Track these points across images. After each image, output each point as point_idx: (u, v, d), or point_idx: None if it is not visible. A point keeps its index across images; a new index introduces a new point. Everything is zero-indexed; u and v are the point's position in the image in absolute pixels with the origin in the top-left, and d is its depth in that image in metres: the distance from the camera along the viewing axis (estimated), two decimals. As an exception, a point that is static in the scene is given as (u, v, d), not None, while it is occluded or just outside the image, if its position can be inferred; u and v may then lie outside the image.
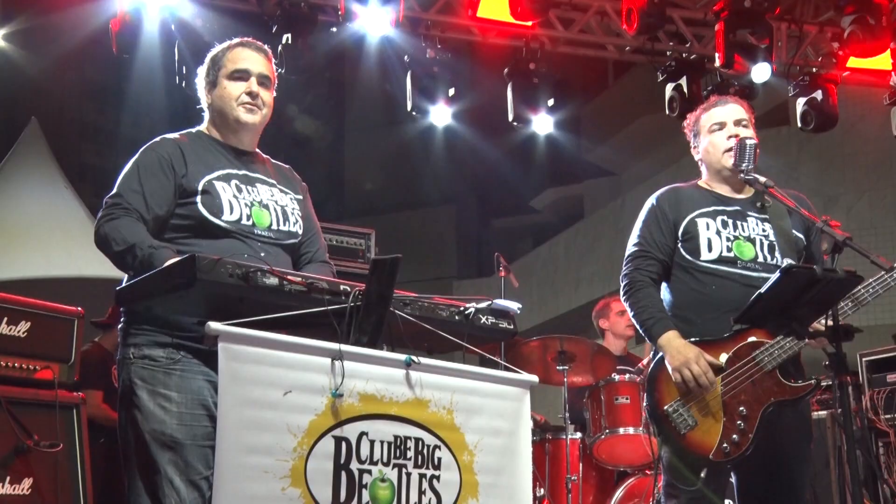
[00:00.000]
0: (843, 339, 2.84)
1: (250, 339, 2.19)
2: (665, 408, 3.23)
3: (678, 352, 3.21)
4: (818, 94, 7.10)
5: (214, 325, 2.16)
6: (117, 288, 2.51)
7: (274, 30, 5.95)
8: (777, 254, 3.38)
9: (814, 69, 7.23)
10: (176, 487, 2.49)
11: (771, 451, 3.20)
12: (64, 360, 3.97)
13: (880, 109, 7.69)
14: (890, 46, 6.61)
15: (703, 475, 3.18)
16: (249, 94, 2.92)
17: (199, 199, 2.78)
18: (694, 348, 3.21)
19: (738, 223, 3.42)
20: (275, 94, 3.05)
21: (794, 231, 3.44)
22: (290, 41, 5.83)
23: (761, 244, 3.39)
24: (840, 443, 5.46)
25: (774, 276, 2.98)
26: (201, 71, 3.04)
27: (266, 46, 3.06)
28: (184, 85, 5.79)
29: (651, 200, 3.54)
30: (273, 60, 3.08)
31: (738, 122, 3.50)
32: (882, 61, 6.95)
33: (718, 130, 3.50)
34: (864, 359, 6.81)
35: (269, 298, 2.34)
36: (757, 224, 3.43)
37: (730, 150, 3.43)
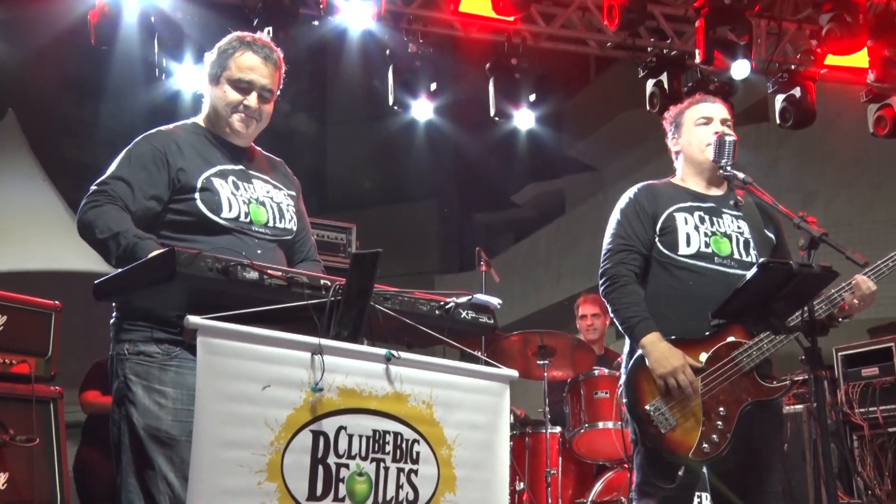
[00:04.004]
0: (818, 334, 2.87)
1: (229, 333, 2.19)
2: (646, 407, 3.24)
3: (665, 358, 3.21)
4: (797, 91, 7.16)
5: (193, 319, 2.15)
6: (96, 282, 2.50)
7: (255, 23, 5.92)
8: (752, 251, 3.41)
9: (792, 66, 7.29)
10: (170, 483, 2.47)
11: (744, 446, 3.23)
12: (41, 354, 3.95)
13: (858, 107, 7.75)
14: (867, 44, 6.67)
15: (680, 474, 3.21)
16: (248, 108, 2.89)
17: (198, 195, 2.76)
18: (679, 355, 3.22)
19: (715, 219, 3.44)
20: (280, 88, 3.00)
21: (765, 230, 3.47)
22: (271, 34, 5.80)
23: (737, 241, 3.41)
24: (816, 436, 5.52)
25: (752, 271, 3.01)
26: (207, 59, 2.98)
27: (277, 52, 2.98)
28: (164, 78, 5.77)
29: (628, 195, 3.54)
30: (283, 66, 3.00)
31: (724, 122, 3.53)
32: (859, 59, 7.00)
33: (705, 125, 3.52)
34: (839, 353, 6.88)
35: (250, 293, 2.34)
36: (732, 221, 3.46)
37: (711, 144, 3.45)
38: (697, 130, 3.52)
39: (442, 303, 2.62)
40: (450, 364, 2.50)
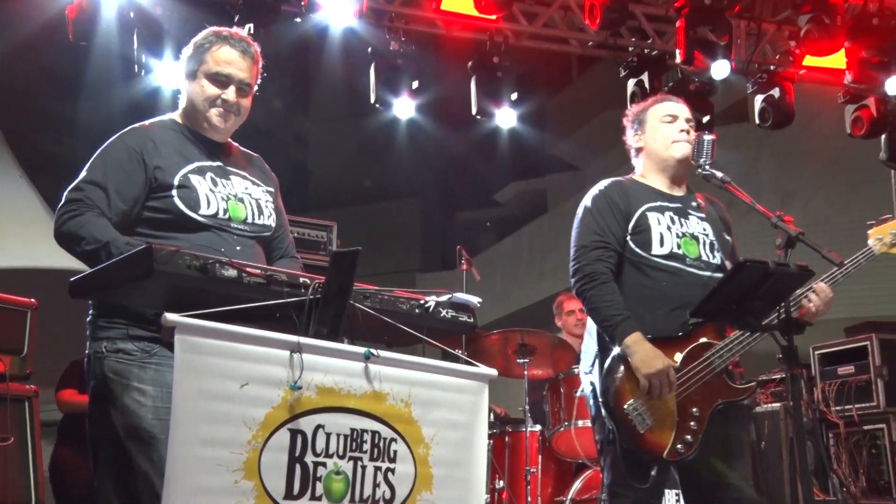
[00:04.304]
0: (794, 333, 2.89)
1: (208, 330, 2.18)
2: (625, 407, 3.24)
3: (651, 358, 3.21)
4: (776, 92, 7.20)
5: (171, 317, 2.14)
6: (71, 279, 2.48)
7: (236, 19, 5.89)
8: (716, 253, 3.43)
9: (771, 67, 7.33)
10: (150, 483, 2.44)
11: (711, 442, 3.24)
12: (16, 352, 3.92)
13: (835, 107, 7.81)
14: (844, 46, 6.72)
15: (653, 474, 3.23)
16: (226, 101, 2.88)
17: (175, 192, 2.74)
18: (662, 356, 3.22)
19: (682, 220, 3.45)
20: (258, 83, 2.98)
21: (723, 233, 3.49)
22: (251, 31, 5.78)
23: (703, 242, 3.43)
24: (792, 434, 5.56)
25: (729, 271, 3.03)
26: (183, 54, 2.96)
27: (254, 46, 2.97)
28: (143, 74, 5.73)
29: (598, 190, 3.51)
30: (260, 61, 2.98)
31: (688, 121, 3.54)
32: (837, 60, 7.06)
33: (670, 122, 3.51)
34: (816, 352, 6.93)
35: (228, 290, 2.33)
36: (698, 222, 3.48)
37: (678, 142, 3.47)
38: (663, 127, 3.52)
39: (422, 301, 2.62)
40: (429, 363, 2.50)
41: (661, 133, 3.51)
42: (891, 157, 7.70)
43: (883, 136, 7.64)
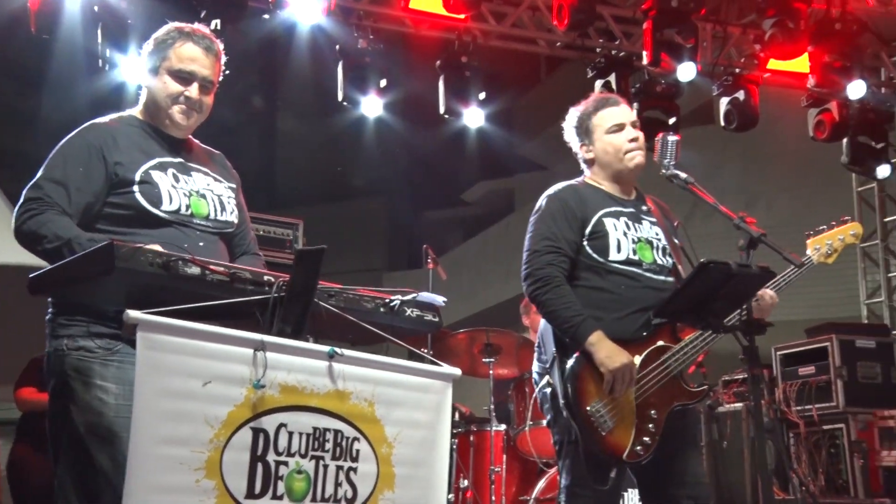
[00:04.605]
0: (756, 333, 2.92)
1: (170, 328, 2.16)
2: (588, 408, 3.25)
3: (615, 354, 3.22)
4: (740, 94, 7.28)
5: (133, 314, 2.12)
6: (31, 276, 2.44)
7: (202, 15, 5.84)
8: (668, 257, 3.46)
9: (736, 70, 7.41)
10: (111, 481, 2.41)
11: (666, 442, 3.28)
12: (-29, 348, 3.85)
13: (799, 111, 7.91)
14: (807, 50, 6.81)
15: (612, 475, 3.26)
16: (188, 99, 2.85)
17: (137, 188, 2.72)
18: (625, 352, 3.24)
19: (636, 225, 3.47)
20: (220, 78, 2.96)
21: (673, 237, 3.53)
22: (218, 27, 5.73)
23: (656, 247, 3.46)
24: (754, 434, 5.63)
25: (692, 271, 3.05)
26: (144, 49, 2.93)
27: (217, 43, 2.94)
28: (107, 69, 5.67)
29: (552, 195, 3.52)
30: (222, 58, 2.96)
31: (634, 124, 3.55)
32: (800, 64, 7.15)
33: (618, 132, 3.52)
34: (778, 352, 7.02)
35: (191, 288, 2.31)
36: (650, 227, 3.50)
37: (631, 151, 3.48)
38: (612, 139, 3.52)
39: (387, 300, 2.61)
40: (393, 362, 2.50)
41: (611, 145, 3.52)
42: (852, 160, 7.82)
43: (844, 140, 7.76)
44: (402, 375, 2.50)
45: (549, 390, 3.42)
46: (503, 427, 5.46)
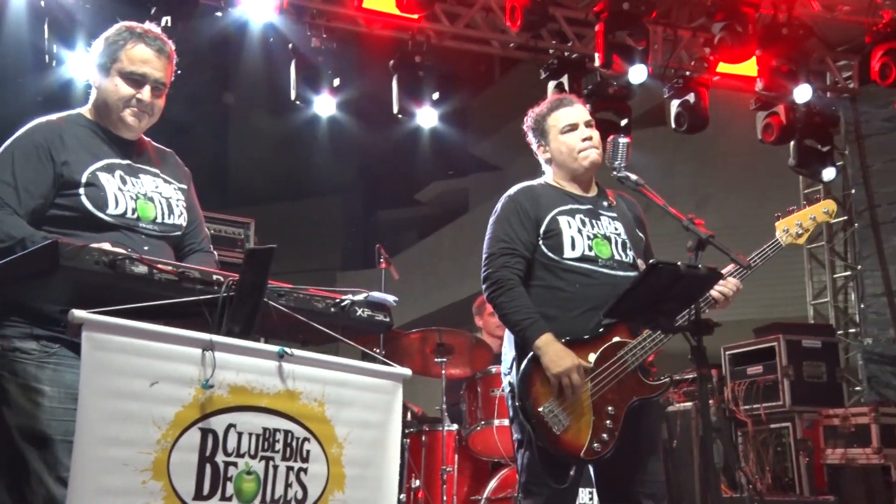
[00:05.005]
0: (704, 333, 2.95)
1: (116, 328, 2.12)
2: (540, 409, 3.27)
3: (559, 357, 3.25)
4: (691, 97, 7.38)
5: (78, 313, 2.08)
6: (-29, 275, 2.39)
7: (153, 11, 5.77)
8: (629, 251, 3.49)
9: (687, 72, 7.51)
10: (45, 484, 2.39)
11: (628, 436, 3.31)
12: None
13: (748, 114, 8.04)
14: (756, 54, 6.92)
15: (571, 474, 3.27)
16: (140, 101, 2.81)
17: (82, 191, 2.67)
18: (572, 355, 3.27)
19: (594, 221, 3.51)
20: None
21: (637, 230, 3.56)
22: (168, 24, 5.66)
23: (615, 242, 3.49)
24: (702, 433, 5.70)
25: (641, 272, 3.09)
26: (94, 48, 2.87)
27: (169, 44, 2.90)
28: (55, 65, 5.57)
29: (508, 197, 3.56)
30: (175, 59, 2.92)
31: (588, 124, 3.59)
32: (749, 68, 7.26)
33: (571, 131, 3.57)
34: (727, 352, 7.13)
35: (138, 287, 2.28)
36: (609, 222, 3.54)
37: (585, 150, 3.52)
38: (566, 139, 3.57)
39: (337, 300, 2.60)
40: (343, 362, 2.49)
41: (565, 145, 3.57)
42: (799, 163, 7.96)
43: (792, 143, 7.90)
44: (353, 375, 2.49)
45: (508, 390, 3.46)
46: (455, 427, 5.46)
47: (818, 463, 6.51)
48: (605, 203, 3.57)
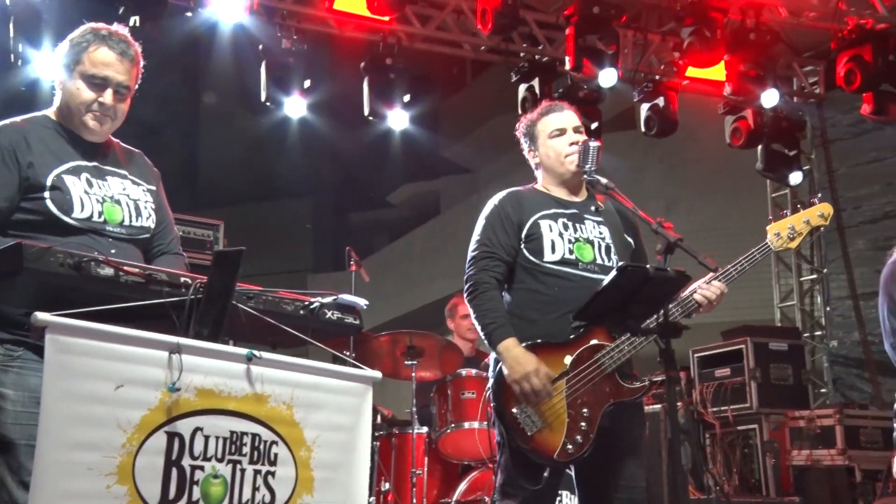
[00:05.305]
0: (672, 336, 2.97)
1: (81, 330, 2.10)
2: (513, 410, 3.28)
3: (517, 362, 3.27)
4: (660, 101, 7.44)
5: (42, 316, 2.06)
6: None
7: (121, 11, 5.71)
8: (613, 255, 3.51)
9: (657, 76, 7.57)
10: (7, 489, 2.36)
11: (609, 443, 3.31)
12: None
13: (717, 118, 8.12)
14: (724, 59, 6.98)
15: (545, 475, 3.28)
16: (102, 105, 2.77)
17: (47, 194, 2.64)
18: (533, 360, 3.27)
19: (577, 225, 3.52)
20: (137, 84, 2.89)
21: (625, 235, 3.58)
22: (137, 24, 5.61)
23: (599, 246, 3.51)
24: (671, 435, 5.74)
25: (610, 275, 3.10)
26: (59, 50, 2.83)
27: (135, 46, 2.86)
28: (20, 65, 5.50)
29: (493, 202, 3.59)
30: (141, 61, 2.88)
31: (576, 129, 3.62)
32: (717, 72, 7.33)
33: (559, 136, 3.59)
34: (695, 355, 7.18)
35: (105, 290, 2.25)
36: (594, 226, 3.56)
37: (571, 155, 3.54)
38: (554, 143, 3.59)
39: (307, 303, 2.59)
40: (312, 365, 2.48)
41: (552, 149, 3.59)
42: (766, 167, 8.05)
43: (759, 147, 7.99)
44: (322, 378, 2.48)
45: (488, 393, 3.49)
46: (425, 430, 5.46)
47: (784, 464, 6.58)
48: (593, 207, 3.59)
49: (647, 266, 3.06)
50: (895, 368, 3.96)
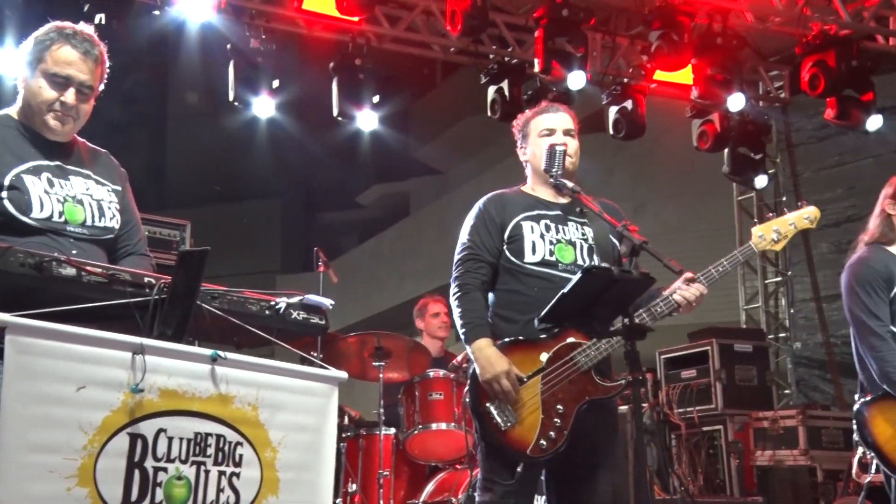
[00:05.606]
0: (637, 338, 3.00)
1: (42, 331, 2.07)
2: (487, 404, 3.31)
3: (489, 363, 3.30)
4: (628, 104, 7.48)
5: (1, 316, 2.03)
6: None
7: (86, 8, 5.64)
8: (595, 257, 3.53)
9: (625, 80, 7.61)
10: None
11: (580, 447, 3.34)
12: None
13: (685, 121, 8.18)
14: (691, 62, 7.04)
15: (519, 470, 3.30)
16: (64, 104, 2.74)
17: (5, 194, 2.60)
18: (504, 361, 3.30)
19: (560, 227, 3.55)
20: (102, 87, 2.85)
21: (610, 236, 3.60)
22: (102, 22, 5.55)
23: (580, 248, 3.53)
24: (636, 436, 5.78)
25: (576, 276, 3.12)
26: (22, 48, 2.79)
27: (100, 46, 2.82)
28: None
29: (478, 205, 3.63)
30: (106, 61, 2.84)
31: (567, 132, 3.63)
32: (685, 76, 7.39)
33: (547, 136, 3.62)
34: (662, 356, 7.23)
35: (67, 290, 2.23)
36: (577, 228, 3.58)
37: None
38: (541, 142, 3.61)
39: (272, 303, 2.58)
40: (277, 365, 2.46)
41: (539, 148, 3.60)
42: (732, 170, 8.13)
43: (726, 150, 8.06)
44: (287, 379, 2.47)
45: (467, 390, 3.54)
46: (392, 431, 5.45)
47: (748, 464, 6.65)
48: (578, 209, 3.60)
49: (612, 268, 3.08)
50: (856, 370, 4.01)
